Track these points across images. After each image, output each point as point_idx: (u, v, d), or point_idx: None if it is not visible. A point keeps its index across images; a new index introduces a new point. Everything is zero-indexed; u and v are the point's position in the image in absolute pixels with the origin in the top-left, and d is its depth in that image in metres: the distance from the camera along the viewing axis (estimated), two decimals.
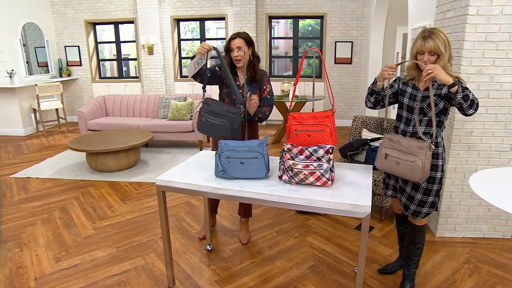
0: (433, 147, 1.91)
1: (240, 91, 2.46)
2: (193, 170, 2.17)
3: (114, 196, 3.87)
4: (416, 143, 1.88)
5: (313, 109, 2.30)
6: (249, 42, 2.46)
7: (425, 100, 1.96)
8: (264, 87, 2.57)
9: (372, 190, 2.38)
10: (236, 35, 2.43)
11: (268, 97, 2.57)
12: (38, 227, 3.19)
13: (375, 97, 2.14)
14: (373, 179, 2.90)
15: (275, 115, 7.28)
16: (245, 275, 2.48)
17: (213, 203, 3.03)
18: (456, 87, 1.77)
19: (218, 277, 2.46)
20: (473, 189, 1.75)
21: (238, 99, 2.27)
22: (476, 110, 1.83)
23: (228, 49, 2.46)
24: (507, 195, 1.70)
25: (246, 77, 2.40)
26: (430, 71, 1.75)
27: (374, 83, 2.10)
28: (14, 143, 6.24)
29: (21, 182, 4.33)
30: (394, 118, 2.33)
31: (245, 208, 2.93)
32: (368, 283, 2.38)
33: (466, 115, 1.87)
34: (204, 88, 2.34)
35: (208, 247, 2.80)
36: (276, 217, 3.34)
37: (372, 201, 2.03)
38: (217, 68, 2.54)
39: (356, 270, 2.50)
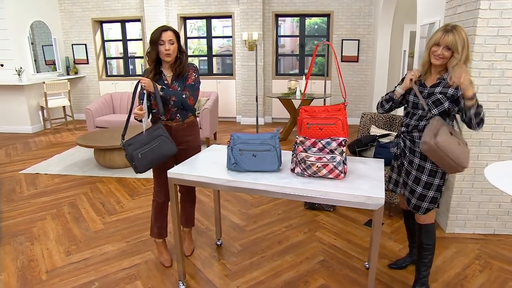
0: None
1: (171, 89, 2.33)
2: (204, 164, 2.17)
3: (123, 192, 3.88)
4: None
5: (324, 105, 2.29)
6: (177, 36, 2.33)
7: (430, 97, 1.94)
8: (189, 75, 2.37)
9: None
10: (167, 28, 2.25)
11: (193, 83, 2.37)
12: (48, 222, 3.21)
13: (390, 105, 2.13)
14: None
15: (282, 112, 7.27)
16: (255, 270, 2.48)
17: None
18: (473, 101, 1.74)
19: (228, 271, 2.47)
20: (489, 180, 1.73)
21: (160, 110, 2.20)
22: (481, 127, 1.83)
23: (157, 41, 2.22)
24: None
25: (172, 73, 2.35)
26: (460, 79, 1.70)
27: (394, 90, 2.10)
28: (22, 140, 6.28)
29: (30, 178, 4.36)
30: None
31: (187, 216, 2.69)
32: (379, 278, 2.37)
33: (471, 128, 1.84)
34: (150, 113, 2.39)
35: (217, 242, 2.80)
36: (285, 213, 3.34)
37: None
38: (144, 96, 2.31)
39: (366, 265, 2.50)
